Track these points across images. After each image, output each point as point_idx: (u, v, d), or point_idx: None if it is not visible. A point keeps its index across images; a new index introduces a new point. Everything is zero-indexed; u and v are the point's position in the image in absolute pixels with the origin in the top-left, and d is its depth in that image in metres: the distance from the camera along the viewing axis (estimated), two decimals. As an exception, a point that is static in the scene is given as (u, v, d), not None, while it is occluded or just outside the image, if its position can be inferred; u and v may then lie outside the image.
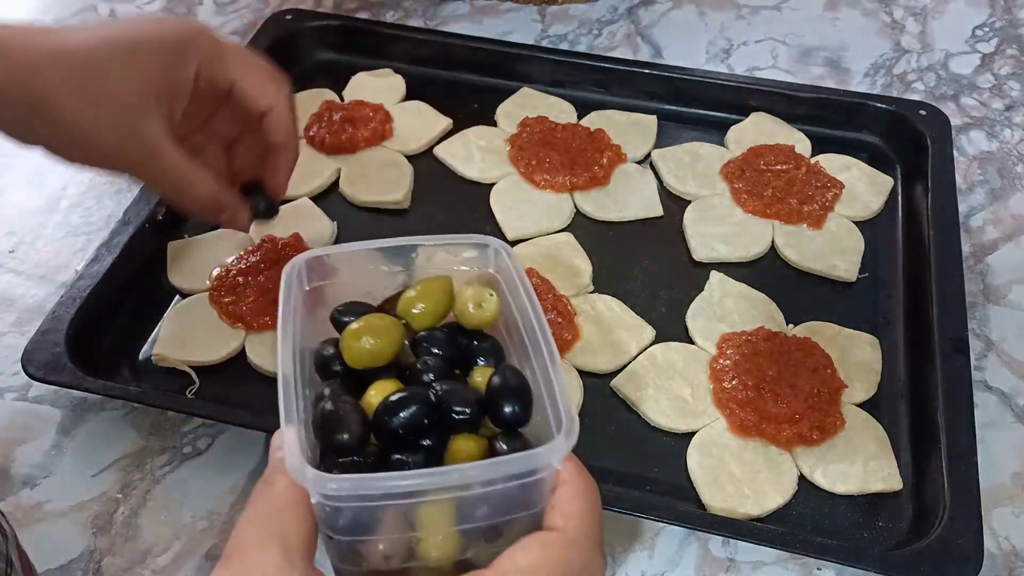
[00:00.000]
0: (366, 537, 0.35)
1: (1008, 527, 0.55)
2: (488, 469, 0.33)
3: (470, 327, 0.42)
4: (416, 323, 0.42)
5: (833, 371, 0.58)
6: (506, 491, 0.34)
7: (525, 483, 0.34)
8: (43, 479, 0.56)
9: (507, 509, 0.35)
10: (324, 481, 0.32)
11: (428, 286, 0.43)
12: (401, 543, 0.35)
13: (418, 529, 0.35)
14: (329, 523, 0.34)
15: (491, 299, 0.42)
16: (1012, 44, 0.87)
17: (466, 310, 0.42)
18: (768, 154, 0.72)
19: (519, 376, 0.38)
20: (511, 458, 0.34)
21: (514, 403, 0.37)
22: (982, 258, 0.69)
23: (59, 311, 0.59)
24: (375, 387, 0.39)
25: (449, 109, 0.77)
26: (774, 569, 0.53)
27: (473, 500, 0.34)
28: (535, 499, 0.35)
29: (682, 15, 0.90)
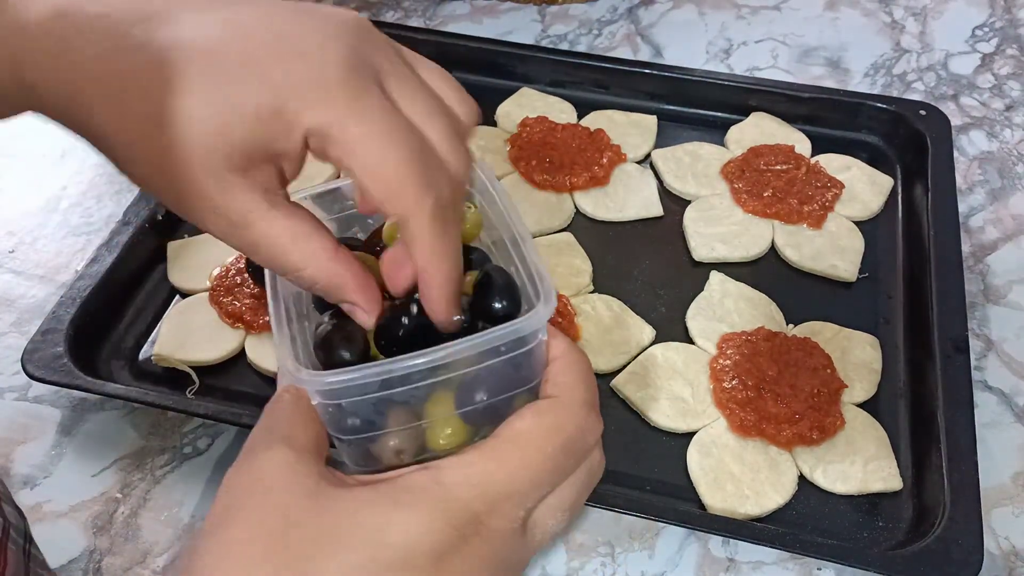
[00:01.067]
0: (373, 433, 0.35)
1: (1008, 527, 0.55)
2: (475, 342, 0.34)
3: None
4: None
5: (833, 371, 0.58)
6: (499, 369, 0.35)
7: (516, 358, 0.35)
8: (43, 479, 0.56)
9: (503, 387, 0.36)
10: (319, 377, 0.33)
11: None
12: (410, 436, 0.36)
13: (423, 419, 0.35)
14: (336, 425, 0.35)
15: (470, 211, 0.42)
16: (1012, 44, 0.87)
17: None
18: (768, 154, 0.72)
19: (503, 273, 0.39)
20: (495, 329, 0.34)
21: (501, 298, 0.38)
22: (982, 258, 0.69)
23: (59, 311, 0.59)
24: None
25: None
26: (774, 569, 0.53)
27: (469, 382, 0.35)
28: (528, 375, 0.36)
29: (682, 15, 0.90)
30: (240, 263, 0.63)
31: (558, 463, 0.33)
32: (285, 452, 0.31)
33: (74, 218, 0.72)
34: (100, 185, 0.74)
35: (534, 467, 0.32)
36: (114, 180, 0.75)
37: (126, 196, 0.72)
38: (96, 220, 0.72)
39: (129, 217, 0.65)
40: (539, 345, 0.36)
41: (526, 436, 0.32)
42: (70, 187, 0.74)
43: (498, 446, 0.32)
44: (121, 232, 0.64)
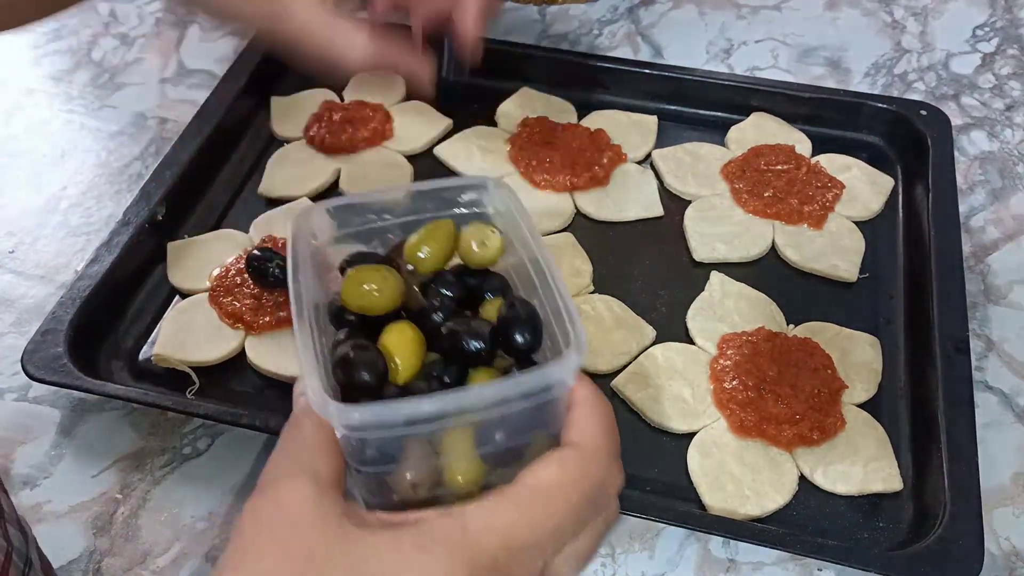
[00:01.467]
0: (392, 466, 0.35)
1: (1008, 527, 0.55)
2: (503, 388, 0.34)
3: (475, 266, 0.43)
4: (423, 267, 0.43)
5: (833, 371, 0.58)
6: (522, 412, 0.35)
7: (540, 402, 0.35)
8: (43, 479, 0.56)
9: (524, 430, 0.36)
10: (347, 412, 0.33)
11: (430, 230, 0.43)
12: (427, 471, 0.36)
13: (441, 456, 0.35)
14: (356, 456, 0.35)
15: (493, 236, 0.42)
16: (1013, 44, 0.87)
17: (470, 249, 0.42)
18: (768, 154, 0.72)
19: (526, 304, 0.39)
20: (524, 376, 0.34)
21: (524, 331, 0.38)
22: (983, 258, 0.69)
23: (59, 311, 0.59)
24: (388, 329, 0.39)
25: (449, 109, 0.77)
26: (774, 570, 0.53)
27: (491, 423, 0.35)
28: (550, 419, 0.36)
29: (682, 15, 0.90)
30: (240, 263, 0.63)
31: (580, 514, 0.33)
32: (310, 486, 0.32)
33: (74, 218, 0.72)
34: (100, 185, 0.74)
35: (558, 518, 0.32)
36: (114, 180, 0.75)
37: (126, 196, 0.72)
38: (96, 220, 0.72)
39: (129, 217, 0.65)
40: (565, 391, 0.36)
41: (551, 486, 0.32)
42: (70, 187, 0.74)
43: (523, 495, 0.32)
44: (121, 232, 0.64)
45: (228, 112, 0.74)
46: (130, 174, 0.75)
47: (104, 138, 0.78)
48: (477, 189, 0.45)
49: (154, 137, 0.78)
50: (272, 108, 0.77)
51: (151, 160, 0.76)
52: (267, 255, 0.60)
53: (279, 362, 0.59)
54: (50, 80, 0.84)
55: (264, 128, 0.77)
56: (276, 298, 0.61)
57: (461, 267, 0.44)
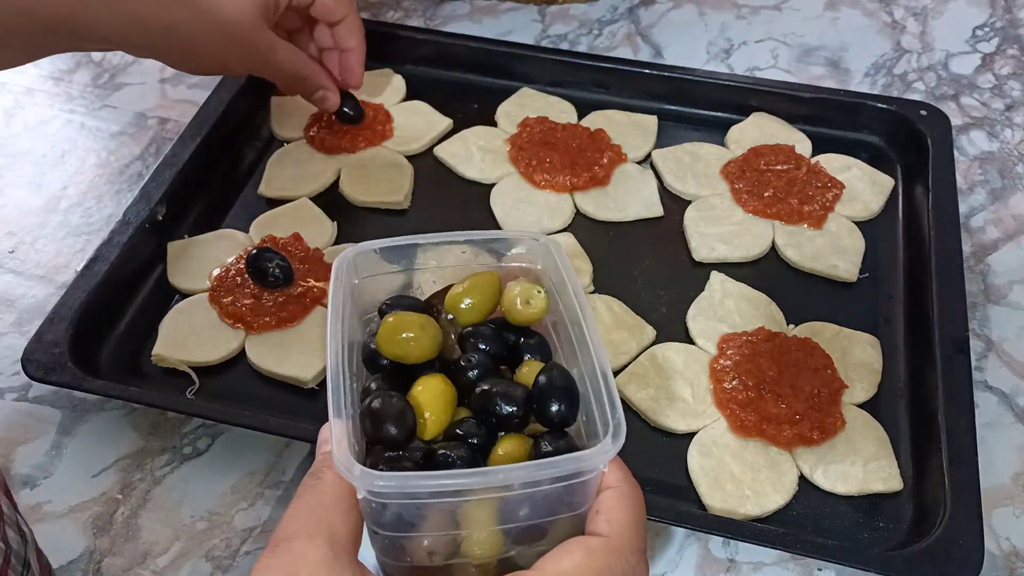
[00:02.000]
0: (411, 533, 0.35)
1: (1008, 527, 0.55)
2: (533, 471, 0.33)
3: (517, 323, 0.42)
4: (463, 318, 0.42)
5: (833, 371, 0.58)
6: (550, 492, 0.34)
7: (570, 484, 0.34)
8: (43, 479, 0.56)
9: (551, 510, 0.35)
10: (371, 478, 0.32)
11: (476, 281, 0.42)
12: (445, 540, 0.35)
13: (462, 527, 0.35)
14: (375, 518, 0.34)
15: (539, 296, 0.42)
16: (1013, 44, 0.87)
17: (514, 306, 0.42)
18: (768, 154, 0.72)
19: (566, 375, 0.38)
20: (557, 460, 0.33)
21: (561, 403, 0.37)
22: (983, 258, 0.69)
23: (59, 311, 0.59)
24: (421, 383, 0.39)
25: (449, 109, 0.77)
26: (774, 570, 0.53)
27: (517, 500, 0.34)
28: (579, 500, 0.35)
29: (682, 15, 0.90)
30: (240, 263, 0.63)
31: None
32: (324, 547, 0.31)
33: (74, 218, 0.72)
34: (100, 185, 0.74)
35: None
36: (114, 180, 0.75)
37: (126, 196, 0.72)
38: (96, 220, 0.72)
39: (129, 217, 0.65)
40: (597, 475, 0.35)
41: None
42: (70, 187, 0.74)
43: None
44: (121, 232, 0.64)
45: (228, 112, 0.74)
46: (130, 174, 0.75)
47: (104, 138, 0.78)
48: (527, 243, 0.44)
49: (154, 137, 0.78)
50: (272, 108, 0.77)
51: (151, 160, 0.76)
52: (267, 255, 0.60)
53: (279, 362, 0.59)
54: (50, 80, 0.84)
55: (264, 128, 0.77)
56: (276, 298, 0.61)
57: (501, 321, 0.43)
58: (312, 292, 0.61)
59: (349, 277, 0.43)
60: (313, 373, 0.58)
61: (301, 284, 0.61)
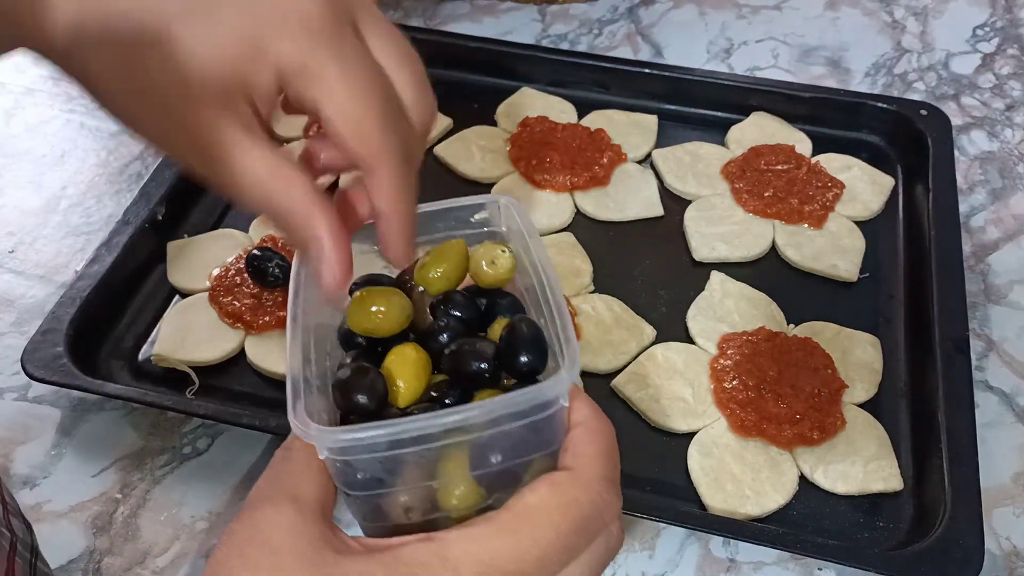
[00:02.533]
0: (383, 491, 0.35)
1: (1009, 527, 0.55)
2: (491, 408, 0.33)
3: (486, 286, 0.42)
4: (433, 288, 0.42)
5: (834, 371, 0.58)
6: (516, 433, 0.34)
7: (535, 422, 0.34)
8: (43, 479, 0.56)
9: (520, 451, 0.35)
10: (327, 435, 0.32)
11: (441, 251, 0.42)
12: (419, 495, 0.35)
13: (434, 479, 0.34)
14: (344, 479, 0.34)
15: (503, 255, 0.41)
16: (1013, 44, 0.87)
17: (480, 269, 0.41)
18: (769, 154, 0.72)
19: (532, 325, 0.38)
20: (514, 395, 0.33)
21: (528, 353, 0.37)
22: (983, 258, 0.69)
23: (59, 311, 0.59)
24: (394, 352, 0.39)
25: (449, 109, 0.77)
26: (774, 569, 0.53)
27: (484, 444, 0.34)
28: (547, 439, 0.35)
29: (682, 15, 0.90)
30: (240, 263, 0.63)
31: (569, 542, 0.31)
32: (289, 510, 0.31)
33: (74, 218, 0.72)
34: (100, 185, 0.74)
35: (543, 545, 0.30)
36: (114, 180, 0.75)
37: (126, 196, 0.72)
38: (96, 220, 0.72)
39: (129, 217, 0.65)
40: (560, 410, 0.34)
41: (538, 512, 0.31)
42: (70, 187, 0.74)
43: (507, 520, 0.31)
44: (121, 232, 0.64)
45: (228, 112, 0.73)
46: (130, 174, 0.75)
47: (104, 138, 0.78)
48: (488, 208, 0.44)
49: (154, 137, 0.78)
50: (272, 108, 0.77)
51: (151, 160, 0.76)
52: (267, 255, 0.60)
53: (279, 362, 0.59)
54: (50, 80, 0.84)
55: (264, 128, 0.76)
56: (276, 298, 0.61)
57: (475, 288, 0.43)
58: (312, 292, 0.61)
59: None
60: (313, 373, 0.58)
61: (301, 284, 0.61)
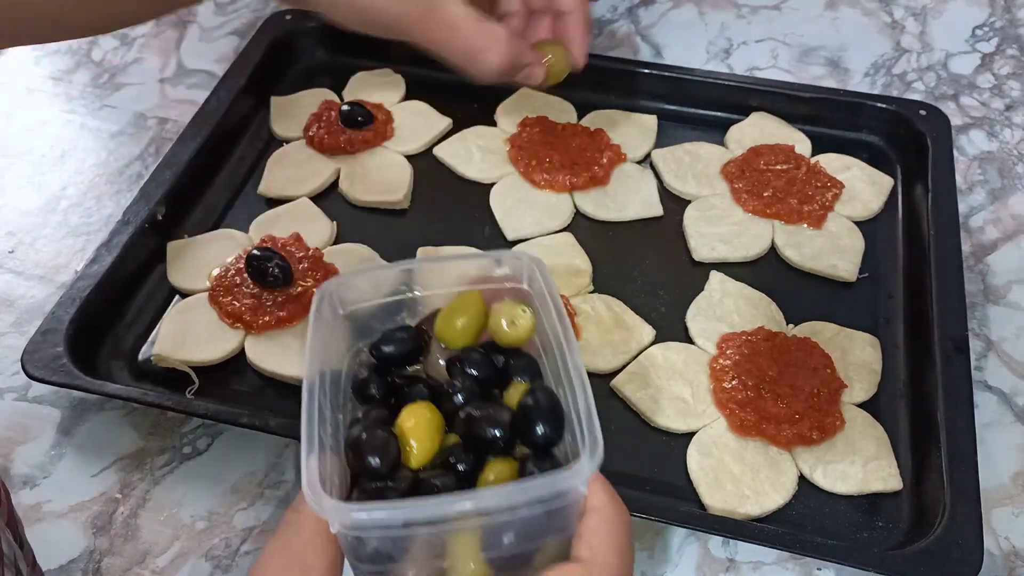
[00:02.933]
0: (392, 566, 0.34)
1: (1008, 527, 0.55)
2: (508, 495, 0.32)
3: (504, 345, 0.42)
4: (451, 343, 0.42)
5: (833, 371, 0.58)
6: (532, 517, 0.33)
7: (550, 508, 0.33)
8: (43, 479, 0.56)
9: (534, 535, 0.34)
10: (342, 511, 0.32)
11: (461, 304, 0.42)
12: (429, 571, 0.35)
13: (445, 557, 0.34)
14: (354, 552, 0.34)
15: (524, 315, 0.41)
16: (1012, 44, 0.87)
17: (500, 328, 0.41)
18: (768, 154, 0.72)
19: (550, 396, 0.38)
20: (532, 482, 0.33)
21: (545, 424, 0.36)
22: (982, 258, 0.69)
23: (59, 311, 0.59)
24: (407, 411, 0.38)
25: (449, 109, 0.77)
26: (774, 569, 0.53)
27: (498, 526, 0.34)
28: (562, 524, 0.34)
29: (682, 15, 0.90)
30: (240, 263, 0.63)
31: None
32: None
33: (74, 218, 0.72)
34: (100, 185, 0.74)
35: None
36: (114, 180, 0.75)
37: (126, 196, 0.72)
38: (96, 220, 0.72)
39: (129, 217, 0.65)
40: (578, 497, 0.34)
41: None
42: (70, 187, 0.74)
43: None
44: (121, 232, 0.64)
45: (228, 112, 0.74)
46: (130, 174, 0.75)
47: (104, 138, 0.78)
48: (511, 263, 0.43)
49: (154, 137, 0.78)
50: (272, 108, 0.77)
51: (151, 160, 0.76)
52: (267, 255, 0.60)
53: (279, 362, 0.59)
54: (50, 80, 0.84)
55: (264, 128, 0.77)
56: (276, 298, 0.61)
57: (489, 343, 0.42)
58: (312, 292, 0.61)
59: (332, 309, 0.42)
60: (313, 373, 0.58)
61: (301, 284, 0.61)
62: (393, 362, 0.43)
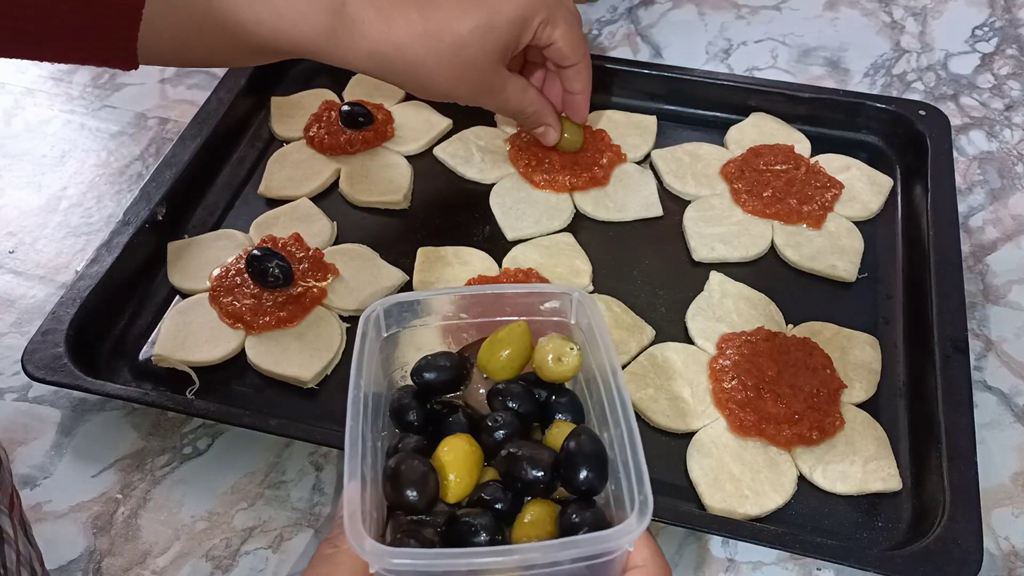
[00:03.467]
0: None
1: (1008, 527, 0.55)
2: (552, 551, 0.32)
3: (548, 380, 0.42)
4: (494, 374, 0.41)
5: (833, 371, 0.58)
6: (573, 570, 0.33)
7: (593, 563, 0.33)
8: (43, 479, 0.56)
9: None
10: (383, 554, 0.32)
11: (507, 336, 0.42)
12: None
13: None
14: None
15: (572, 353, 0.40)
16: (1012, 44, 0.87)
17: (545, 363, 0.41)
18: (768, 154, 0.72)
19: (595, 442, 0.37)
20: (578, 539, 0.32)
21: (588, 470, 0.36)
22: (982, 258, 0.69)
23: (59, 311, 0.59)
24: (447, 443, 0.38)
25: (449, 109, 0.77)
26: (773, 569, 0.53)
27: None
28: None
29: (682, 15, 0.90)
30: (240, 264, 0.63)
31: None
32: None
33: (74, 218, 0.72)
34: (100, 185, 0.74)
35: None
36: (114, 180, 0.75)
37: (126, 196, 0.72)
38: (96, 220, 0.72)
39: (129, 217, 0.65)
40: (622, 554, 0.34)
41: None
42: (70, 187, 0.74)
43: None
44: (121, 232, 0.64)
45: (228, 112, 0.74)
46: (130, 174, 0.75)
47: (104, 138, 0.78)
48: (560, 297, 0.43)
49: (154, 137, 0.78)
50: (272, 108, 0.77)
51: (151, 160, 0.76)
52: (267, 255, 0.60)
53: (279, 362, 0.59)
54: (50, 80, 0.84)
55: (264, 128, 0.77)
56: (276, 298, 0.61)
57: (531, 376, 0.42)
58: (312, 292, 0.61)
59: (377, 332, 0.42)
60: (313, 373, 0.58)
61: (301, 284, 0.62)
62: (434, 389, 0.43)
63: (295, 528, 0.54)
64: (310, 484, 0.56)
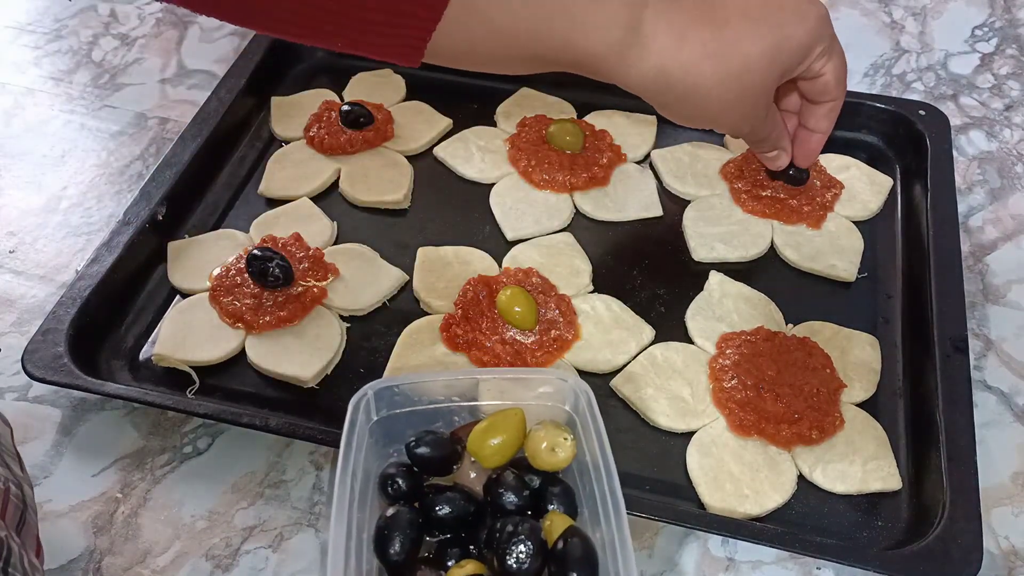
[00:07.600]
0: None
1: (1007, 527, 0.55)
2: None
3: (541, 469, 0.42)
4: (487, 461, 0.42)
5: (832, 371, 0.58)
6: None
7: None
8: (43, 479, 0.57)
9: None
10: None
11: (501, 422, 0.42)
12: None
13: None
14: None
15: (566, 444, 0.41)
16: (1012, 44, 0.87)
17: (539, 452, 0.41)
18: (768, 154, 0.72)
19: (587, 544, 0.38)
20: None
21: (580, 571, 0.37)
22: (981, 258, 0.69)
23: (59, 311, 0.59)
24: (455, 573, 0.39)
25: (449, 109, 0.77)
26: (773, 568, 0.53)
27: None
28: None
29: (682, 15, 0.90)
30: (240, 263, 0.63)
31: None
32: None
33: (74, 218, 0.72)
34: (100, 185, 0.74)
35: None
36: (114, 180, 0.75)
37: (126, 196, 0.72)
38: (96, 220, 0.72)
39: (129, 217, 0.65)
40: None
41: None
42: (70, 187, 0.74)
43: None
44: (121, 232, 0.64)
45: (228, 112, 0.74)
46: (130, 174, 0.75)
47: (104, 138, 0.79)
48: (556, 384, 0.43)
49: (154, 137, 0.79)
50: (272, 108, 0.77)
51: (151, 160, 0.76)
52: (267, 255, 0.60)
53: (279, 362, 0.59)
54: (50, 80, 0.84)
55: (264, 128, 0.77)
56: (276, 298, 0.61)
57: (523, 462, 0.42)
58: (312, 292, 0.61)
59: (366, 416, 0.42)
60: (313, 372, 0.58)
61: (301, 284, 0.62)
62: (426, 466, 0.43)
63: (295, 527, 0.54)
64: (310, 483, 0.56)
